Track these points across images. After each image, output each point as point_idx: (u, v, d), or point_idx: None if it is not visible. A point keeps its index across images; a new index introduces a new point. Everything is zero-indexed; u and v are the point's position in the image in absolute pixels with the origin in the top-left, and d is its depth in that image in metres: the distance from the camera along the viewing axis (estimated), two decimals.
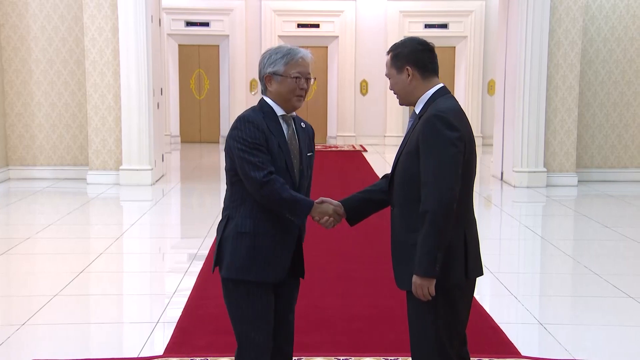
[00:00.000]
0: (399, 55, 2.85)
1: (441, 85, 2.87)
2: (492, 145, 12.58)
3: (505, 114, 11.24)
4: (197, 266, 6.08)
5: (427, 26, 17.07)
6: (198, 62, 17.40)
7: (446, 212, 2.65)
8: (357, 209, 3.13)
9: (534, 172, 10.57)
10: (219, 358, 4.09)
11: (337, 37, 17.12)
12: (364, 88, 17.19)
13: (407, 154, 2.81)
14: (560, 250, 6.84)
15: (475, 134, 12.51)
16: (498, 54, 11.88)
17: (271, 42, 17.00)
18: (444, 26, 17.14)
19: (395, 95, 2.94)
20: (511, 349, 4.31)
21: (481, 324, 4.78)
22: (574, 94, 10.53)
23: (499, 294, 5.56)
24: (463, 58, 17.24)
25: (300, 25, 17.08)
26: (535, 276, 6.33)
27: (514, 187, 10.59)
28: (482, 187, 11.59)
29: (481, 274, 2.92)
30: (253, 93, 17.22)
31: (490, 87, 16.75)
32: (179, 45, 17.14)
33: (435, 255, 2.65)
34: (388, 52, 2.90)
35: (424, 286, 2.69)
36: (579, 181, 10.72)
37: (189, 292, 5.33)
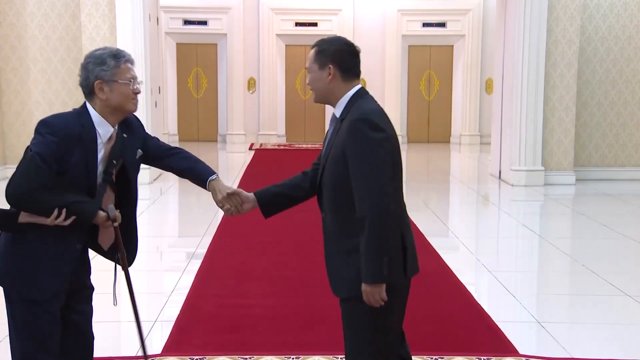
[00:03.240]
0: (324, 52, 2.79)
1: (360, 86, 2.84)
2: (489, 144, 12.59)
3: (503, 113, 11.23)
4: (195, 265, 6.08)
5: (425, 25, 17.08)
6: (196, 61, 17.39)
7: (383, 214, 2.59)
8: (272, 202, 3.19)
9: (532, 170, 10.57)
10: (216, 357, 4.09)
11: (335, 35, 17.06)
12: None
13: (334, 159, 2.74)
14: (558, 249, 6.84)
15: (472, 132, 12.69)
16: (496, 53, 11.88)
17: (269, 40, 17.01)
18: (442, 25, 17.13)
19: (311, 91, 2.88)
20: (509, 348, 4.31)
21: (479, 322, 4.79)
22: (572, 93, 10.54)
23: (497, 292, 5.56)
24: (461, 57, 17.24)
25: (298, 24, 17.07)
26: (533, 275, 6.33)
27: (512, 185, 10.59)
28: (480, 185, 11.60)
29: (418, 271, 2.85)
30: (251, 92, 17.23)
31: (488, 86, 16.76)
32: (177, 43, 17.13)
33: (381, 260, 2.60)
34: (313, 46, 2.83)
35: (374, 292, 2.63)
36: (576, 180, 10.73)
37: (187, 291, 5.32)
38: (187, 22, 16.90)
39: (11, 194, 2.72)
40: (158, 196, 10.06)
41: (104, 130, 2.87)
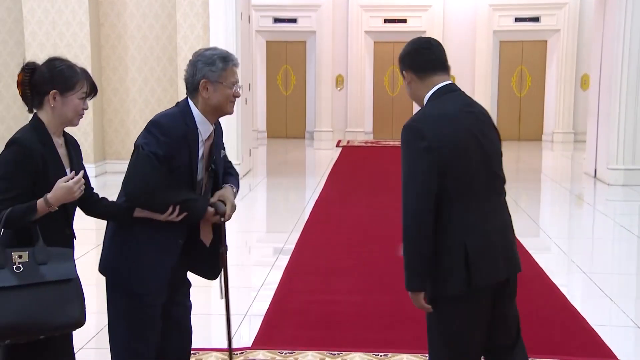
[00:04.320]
0: (400, 60, 2.79)
1: (440, 85, 2.72)
2: (584, 142, 12.21)
3: (600, 109, 10.88)
4: (284, 260, 6.13)
5: (517, 20, 16.68)
6: (285, 58, 17.57)
7: (414, 223, 2.56)
8: None
9: (631, 169, 10.18)
10: (305, 352, 4.11)
11: (424, 32, 16.90)
12: None
13: None
14: None
15: (566, 130, 12.27)
16: (593, 47, 11.50)
17: (358, 37, 17.00)
18: (535, 19, 16.68)
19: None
20: (607, 352, 4.16)
21: (574, 325, 4.65)
22: None
23: (593, 294, 5.37)
24: (555, 52, 16.74)
25: (387, 21, 16.99)
26: (631, 277, 6.08)
27: (609, 185, 10.22)
28: (573, 184, 11.26)
29: (493, 280, 2.64)
30: (339, 89, 17.26)
31: (583, 82, 16.23)
32: (267, 41, 17.34)
33: (410, 271, 2.60)
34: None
35: (414, 300, 2.63)
36: None
37: (275, 286, 5.38)
38: (277, 20, 17.09)
39: (131, 192, 2.82)
40: (247, 192, 10.22)
41: (205, 128, 2.95)
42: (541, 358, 4.03)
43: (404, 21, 16.91)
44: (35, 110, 2.76)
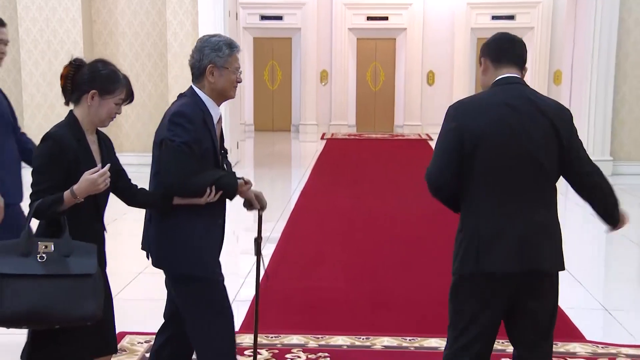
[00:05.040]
0: (482, 49, 2.82)
1: (500, 77, 2.71)
2: None
3: (571, 103, 10.93)
4: (270, 248, 6.14)
5: (494, 18, 16.71)
6: (272, 54, 17.52)
7: (431, 189, 2.68)
8: None
9: (601, 160, 10.20)
10: (290, 335, 4.13)
11: (405, 29, 16.94)
12: (430, 79, 16.97)
13: None
14: (626, 238, 6.61)
15: None
16: (565, 44, 11.55)
17: (341, 34, 16.99)
18: (511, 17, 16.73)
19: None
20: (576, 334, 4.21)
21: None
22: None
23: (564, 280, 5.41)
24: (530, 49, 16.60)
25: (369, 18, 16.98)
26: (601, 262, 6.15)
27: None
28: None
29: (508, 270, 2.55)
30: (323, 84, 17.25)
31: (556, 77, 16.30)
32: (254, 38, 17.28)
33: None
34: None
35: None
36: None
37: (262, 272, 5.38)
38: (263, 17, 17.03)
39: (170, 184, 2.82)
40: None
41: (215, 112, 2.98)
42: None
43: (386, 18, 16.91)
44: (71, 106, 2.76)
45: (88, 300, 2.53)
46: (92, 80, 2.68)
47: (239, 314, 4.58)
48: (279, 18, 17.03)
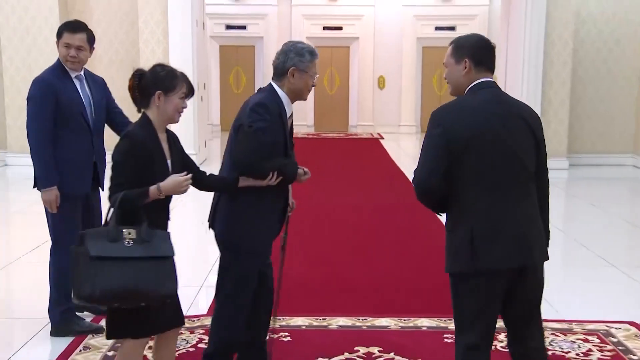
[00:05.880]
0: (462, 49, 2.60)
1: (481, 80, 2.57)
2: None
3: None
4: None
5: (437, 29, 16.88)
6: (236, 61, 17.39)
7: (419, 193, 2.53)
8: None
9: None
10: None
11: (358, 38, 17.00)
12: (381, 83, 17.07)
13: None
14: (553, 226, 6.77)
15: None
16: (500, 53, 11.72)
17: None
18: (452, 28, 16.90)
19: (447, 84, 2.71)
20: None
21: None
22: (566, 88, 10.38)
23: None
24: None
25: (325, 28, 16.98)
26: None
27: None
28: None
29: (505, 265, 2.47)
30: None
31: None
32: (220, 46, 17.13)
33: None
34: (451, 44, 2.65)
35: None
36: (570, 165, 10.59)
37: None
38: (228, 27, 16.89)
39: (244, 164, 2.91)
40: None
41: (288, 109, 3.06)
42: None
43: (340, 28, 16.93)
44: (143, 110, 2.81)
45: (168, 279, 2.61)
46: (155, 83, 2.77)
47: (208, 297, 4.56)
48: (243, 28, 16.91)
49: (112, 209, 2.60)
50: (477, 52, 2.59)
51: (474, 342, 2.53)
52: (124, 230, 2.57)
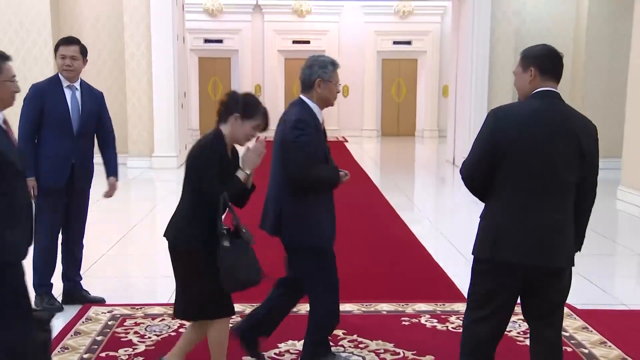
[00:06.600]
0: (529, 58, 2.51)
1: (545, 89, 2.46)
2: (446, 136, 12.61)
3: (456, 111, 11.28)
4: None
5: (395, 43, 17.02)
6: (214, 71, 17.28)
7: (463, 178, 2.57)
8: None
9: None
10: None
11: (324, 51, 16.98)
12: (345, 91, 17.11)
13: None
14: None
15: (433, 127, 12.49)
16: (451, 65, 11.88)
17: (272, 55, 16.94)
18: (408, 43, 17.09)
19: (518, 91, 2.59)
20: (459, 296, 4.34)
21: (438, 277, 4.82)
22: (509, 97, 10.48)
23: (451, 254, 5.58)
24: (423, 68, 17.22)
25: (295, 42, 16.97)
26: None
27: None
28: (438, 169, 11.63)
29: (521, 261, 2.40)
30: (257, 96, 17.06)
31: (444, 91, 16.75)
32: (199, 58, 17.01)
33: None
34: (520, 54, 2.57)
35: None
36: None
37: None
38: (207, 40, 16.77)
39: (299, 180, 2.93)
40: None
41: (319, 116, 3.08)
42: (412, 302, 4.18)
43: (308, 42, 16.94)
44: (219, 124, 2.85)
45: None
46: (237, 105, 2.81)
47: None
48: (220, 41, 16.82)
49: (222, 207, 2.67)
50: (543, 61, 2.48)
51: (479, 316, 2.52)
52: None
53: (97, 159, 4.16)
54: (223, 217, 2.72)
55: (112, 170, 4.14)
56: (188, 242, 2.74)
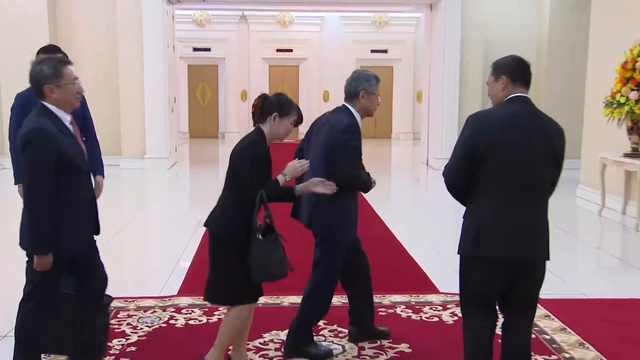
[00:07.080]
0: (499, 67, 2.53)
1: (517, 95, 2.48)
2: (420, 139, 12.68)
3: (429, 115, 11.34)
4: (203, 229, 6.03)
5: (372, 51, 17.07)
6: (202, 78, 17.19)
7: (445, 183, 2.55)
8: None
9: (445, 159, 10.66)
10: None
11: (306, 58, 17.04)
12: (326, 96, 17.16)
13: None
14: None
15: (407, 130, 12.58)
16: (424, 72, 11.95)
17: (257, 62, 16.89)
18: (384, 51, 17.16)
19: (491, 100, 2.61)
20: (431, 287, 4.38)
21: (411, 270, 4.85)
22: (478, 102, 10.61)
23: (425, 248, 5.62)
24: (399, 75, 17.29)
25: (278, 50, 16.94)
26: (450, 235, 6.39)
27: (436, 170, 10.65)
28: (413, 170, 11.69)
29: (504, 255, 2.39)
30: (243, 100, 17.10)
31: (418, 97, 16.84)
32: (188, 65, 16.90)
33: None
34: (492, 66, 2.59)
35: None
36: None
37: (195, 248, 5.31)
38: (195, 49, 16.67)
39: (349, 179, 3.02)
40: (174, 179, 9.98)
41: (360, 124, 3.13)
42: (389, 294, 4.19)
43: (291, 50, 16.93)
44: (258, 124, 2.91)
45: None
46: (275, 106, 2.85)
47: (178, 280, 4.51)
48: (208, 50, 16.73)
49: (258, 203, 2.69)
50: (513, 69, 2.49)
51: (479, 315, 2.49)
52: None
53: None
54: (258, 212, 2.76)
55: (98, 169, 4.03)
56: (229, 230, 2.80)
